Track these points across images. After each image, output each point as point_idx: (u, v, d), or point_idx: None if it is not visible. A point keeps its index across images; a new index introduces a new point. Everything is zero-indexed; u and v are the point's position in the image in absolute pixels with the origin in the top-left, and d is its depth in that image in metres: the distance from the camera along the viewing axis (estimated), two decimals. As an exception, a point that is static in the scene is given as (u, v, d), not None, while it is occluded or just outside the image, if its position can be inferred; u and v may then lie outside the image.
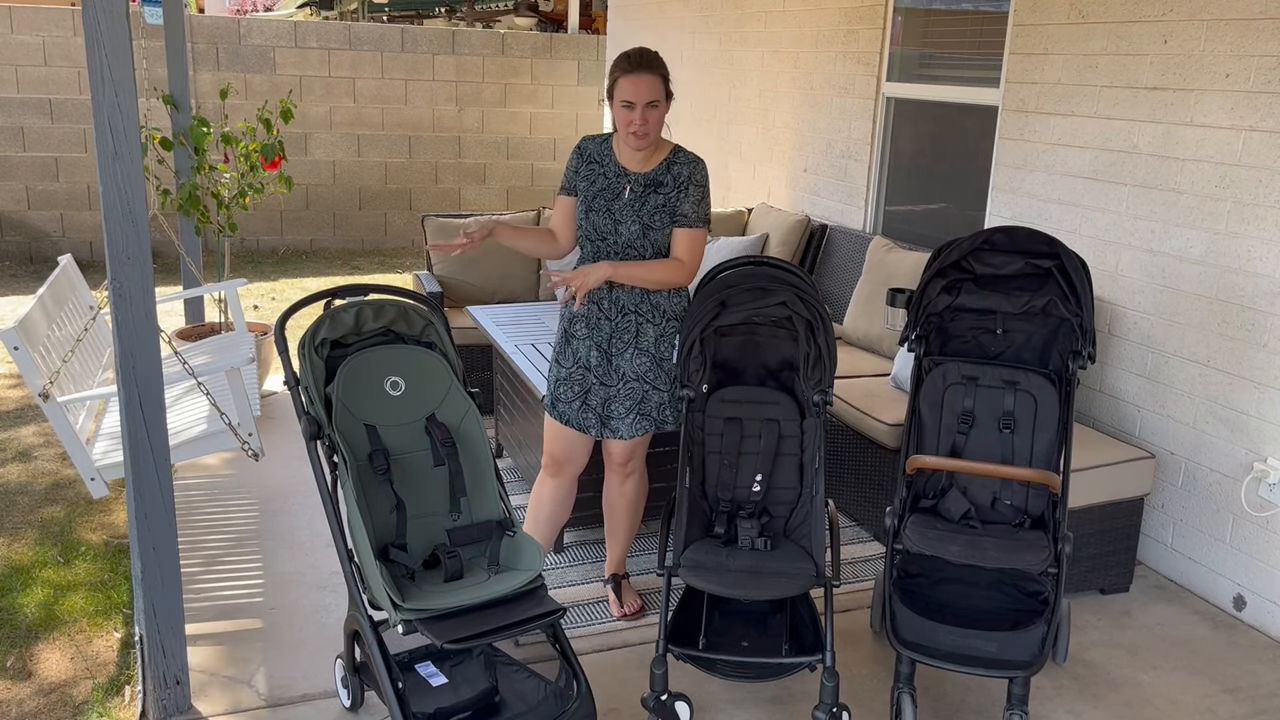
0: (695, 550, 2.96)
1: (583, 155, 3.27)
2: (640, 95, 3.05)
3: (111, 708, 3.07)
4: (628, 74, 3.07)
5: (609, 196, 3.19)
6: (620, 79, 3.09)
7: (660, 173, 3.20)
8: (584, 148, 3.29)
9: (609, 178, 3.21)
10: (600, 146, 3.27)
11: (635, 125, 3.08)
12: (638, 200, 3.18)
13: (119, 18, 2.47)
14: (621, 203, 3.18)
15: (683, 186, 3.19)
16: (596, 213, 3.20)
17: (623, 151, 3.22)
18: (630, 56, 3.09)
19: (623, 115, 3.10)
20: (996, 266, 3.22)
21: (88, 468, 3.56)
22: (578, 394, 3.28)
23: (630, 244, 3.19)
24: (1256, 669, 3.43)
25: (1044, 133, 4.42)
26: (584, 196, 3.24)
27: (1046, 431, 3.17)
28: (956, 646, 2.88)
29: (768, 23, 6.57)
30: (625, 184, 3.19)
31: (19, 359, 3.36)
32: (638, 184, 3.19)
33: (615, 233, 3.19)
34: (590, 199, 3.22)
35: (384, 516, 2.82)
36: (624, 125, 3.11)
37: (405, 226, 9.98)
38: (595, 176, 3.23)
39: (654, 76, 3.07)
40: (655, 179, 3.19)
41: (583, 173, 3.26)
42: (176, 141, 5.45)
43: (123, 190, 2.56)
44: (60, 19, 8.51)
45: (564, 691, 2.73)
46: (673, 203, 3.19)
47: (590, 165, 3.25)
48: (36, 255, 8.94)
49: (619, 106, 3.10)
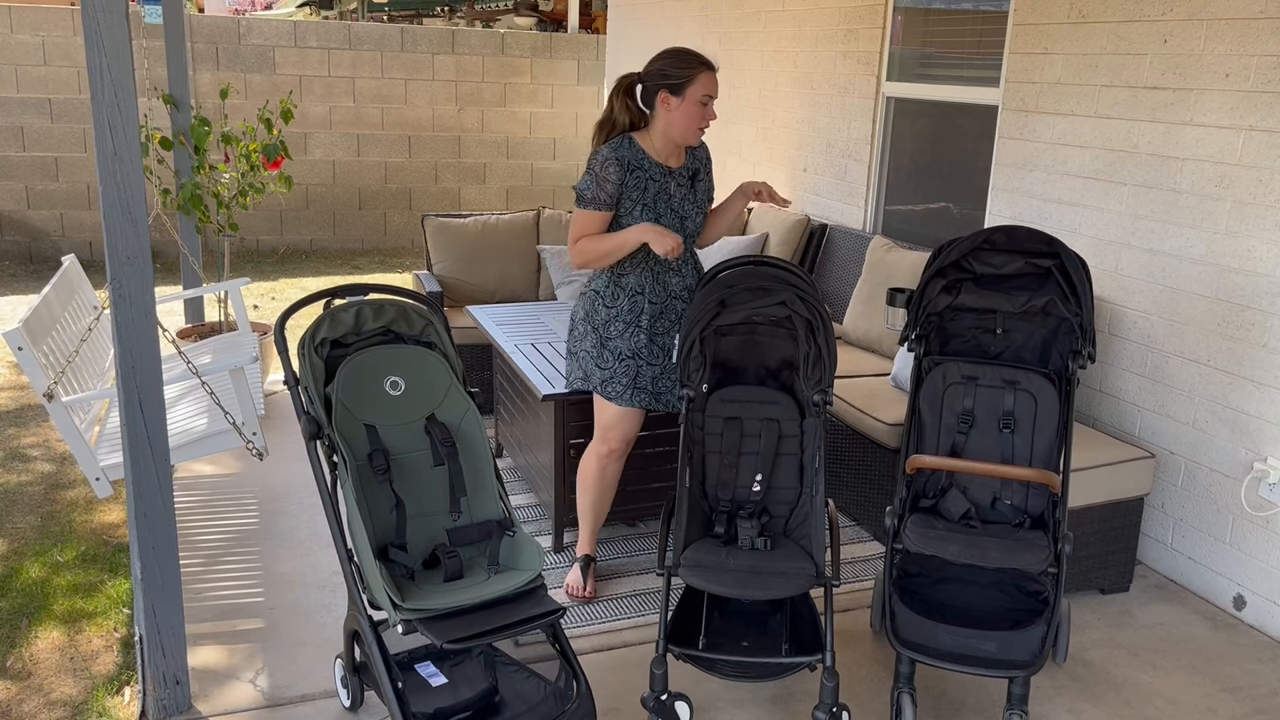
0: (695, 550, 2.96)
1: (624, 165, 3.25)
2: (716, 90, 3.25)
3: (111, 708, 3.07)
4: (708, 70, 3.21)
5: (665, 197, 3.30)
6: (701, 74, 3.20)
7: (691, 161, 3.38)
8: (622, 158, 3.24)
9: (656, 179, 3.29)
10: (634, 152, 3.27)
11: (706, 121, 3.24)
12: (689, 193, 3.35)
13: (119, 18, 2.47)
14: (676, 199, 3.32)
15: (708, 166, 3.44)
16: (664, 215, 3.30)
17: (658, 150, 3.30)
18: (700, 55, 3.22)
19: (697, 111, 3.21)
20: (996, 266, 3.22)
21: (92, 468, 3.56)
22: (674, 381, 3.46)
23: (693, 234, 3.41)
24: (1256, 669, 3.43)
25: (1044, 132, 4.42)
26: (642, 204, 3.26)
27: (1046, 431, 3.17)
28: (956, 646, 2.88)
29: (768, 23, 6.57)
30: (670, 181, 3.30)
31: (23, 359, 3.36)
32: (682, 178, 3.34)
33: (682, 228, 3.34)
34: (651, 203, 3.27)
35: (384, 516, 2.82)
36: (697, 120, 3.23)
37: (405, 226, 9.98)
38: (644, 182, 3.27)
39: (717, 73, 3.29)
40: (692, 169, 3.38)
41: (629, 182, 3.26)
42: (176, 141, 5.45)
43: (123, 190, 2.56)
44: (60, 19, 8.51)
45: (564, 691, 2.73)
46: (709, 184, 3.44)
47: (634, 173, 3.26)
48: (36, 255, 8.94)
49: (695, 102, 3.20)
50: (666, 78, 3.20)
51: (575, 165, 10.32)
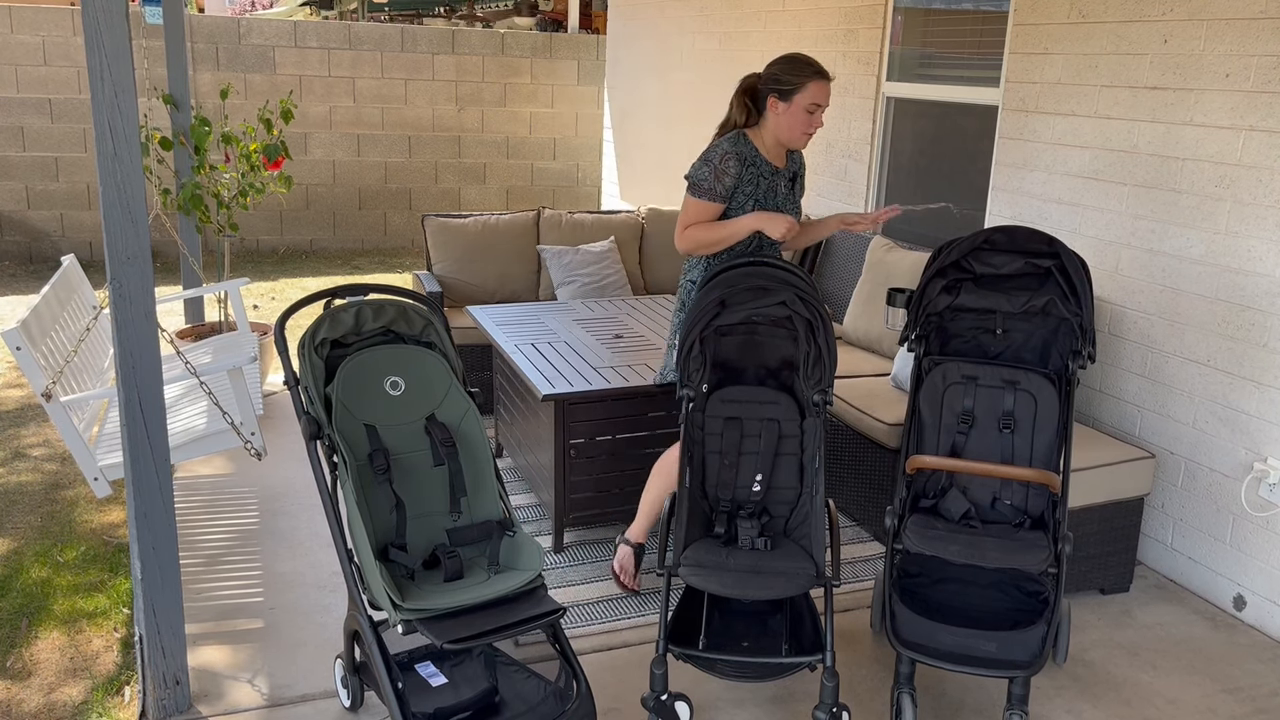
0: (695, 550, 2.96)
1: (743, 161, 3.34)
2: (827, 99, 3.30)
3: (111, 708, 3.07)
4: (821, 79, 3.27)
5: (772, 194, 3.39)
6: (812, 84, 3.26)
7: (791, 164, 3.49)
8: (741, 154, 3.34)
9: (767, 177, 3.38)
10: (749, 149, 3.37)
11: (816, 126, 3.31)
12: (790, 193, 3.46)
13: (119, 18, 2.47)
14: (781, 197, 3.43)
15: (803, 171, 3.55)
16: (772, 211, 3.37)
17: (769, 150, 3.39)
18: (814, 63, 3.28)
19: (804, 118, 3.29)
20: (996, 266, 3.22)
21: (91, 467, 3.56)
22: None
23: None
24: (1256, 669, 3.43)
25: (1044, 132, 4.42)
26: (754, 200, 3.37)
27: (1046, 431, 3.17)
28: (956, 646, 2.88)
29: (768, 23, 6.57)
30: (779, 180, 3.42)
31: (21, 359, 3.36)
32: (786, 177, 3.45)
33: None
34: (761, 199, 3.37)
35: (384, 516, 2.82)
36: (803, 126, 3.30)
37: (405, 226, 9.98)
38: (756, 179, 3.37)
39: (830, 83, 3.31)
40: (793, 169, 3.49)
41: (745, 177, 3.35)
42: (176, 141, 5.45)
43: (123, 190, 2.56)
44: (60, 19, 8.52)
45: (564, 691, 2.73)
46: (803, 188, 3.56)
47: (749, 168, 3.35)
48: (36, 255, 8.94)
49: (802, 109, 3.27)
50: (778, 83, 3.28)
51: (575, 165, 10.33)
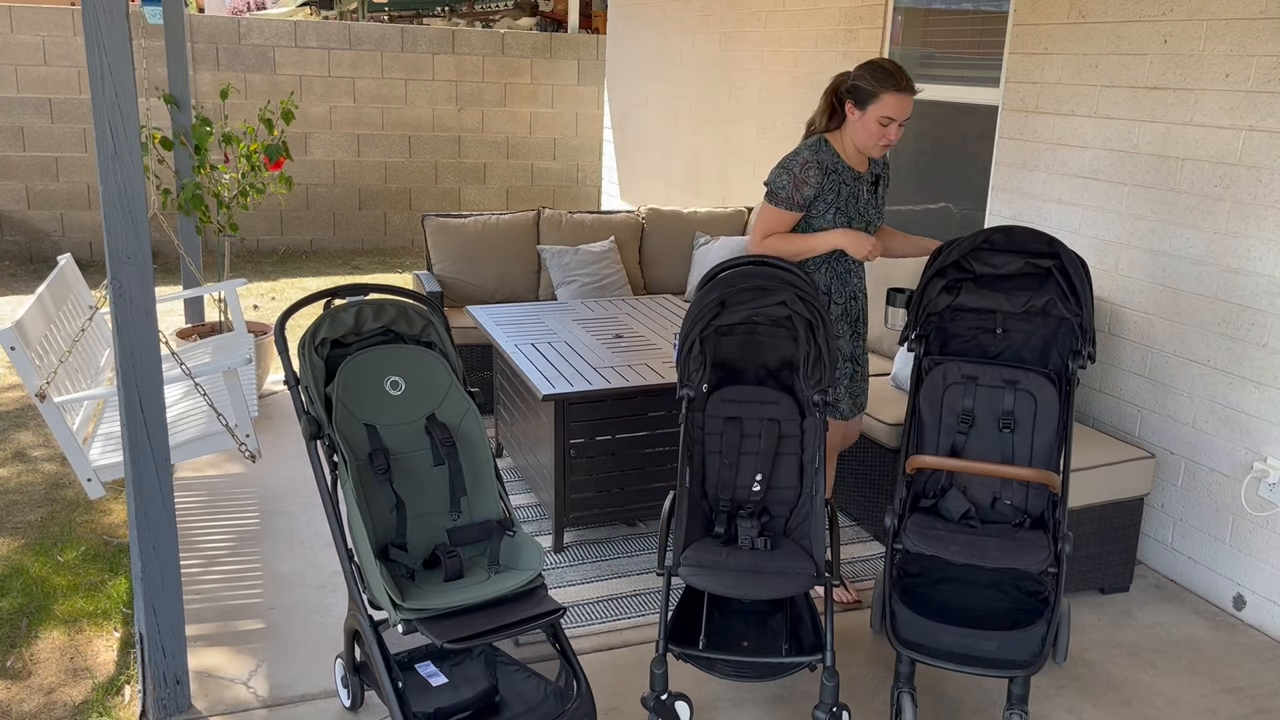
0: (695, 550, 2.96)
1: (823, 169, 3.32)
2: (903, 113, 3.20)
3: (111, 708, 3.07)
4: (898, 92, 3.18)
5: (854, 200, 3.36)
6: (887, 95, 3.18)
7: (874, 167, 3.46)
8: (821, 162, 3.32)
9: (848, 183, 3.36)
10: (829, 155, 3.34)
11: (891, 138, 3.24)
12: (874, 197, 3.43)
13: (119, 18, 2.47)
14: (862, 203, 3.39)
15: (886, 175, 3.50)
16: (854, 219, 3.37)
17: (850, 155, 3.36)
18: (896, 73, 3.18)
19: (876, 129, 3.23)
20: (996, 266, 3.22)
21: (84, 468, 3.56)
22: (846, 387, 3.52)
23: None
24: (1256, 669, 3.43)
25: (1044, 132, 4.42)
26: (836, 208, 3.34)
27: (1046, 431, 3.17)
28: (956, 646, 2.88)
29: (768, 23, 6.57)
30: (860, 186, 3.37)
31: (15, 359, 3.36)
32: (868, 183, 3.42)
33: (867, 230, 3.41)
34: (844, 207, 3.35)
35: (384, 516, 2.82)
36: (875, 137, 3.24)
37: (405, 226, 9.98)
38: (838, 185, 3.34)
39: (912, 97, 3.21)
40: (875, 174, 3.45)
41: (826, 185, 3.33)
42: (177, 141, 5.45)
43: (123, 190, 2.56)
44: (60, 19, 8.51)
45: (564, 691, 2.73)
46: (886, 192, 3.51)
47: (830, 176, 3.33)
48: (36, 255, 8.94)
49: (875, 120, 3.21)
50: (857, 88, 3.24)
51: (575, 165, 10.33)
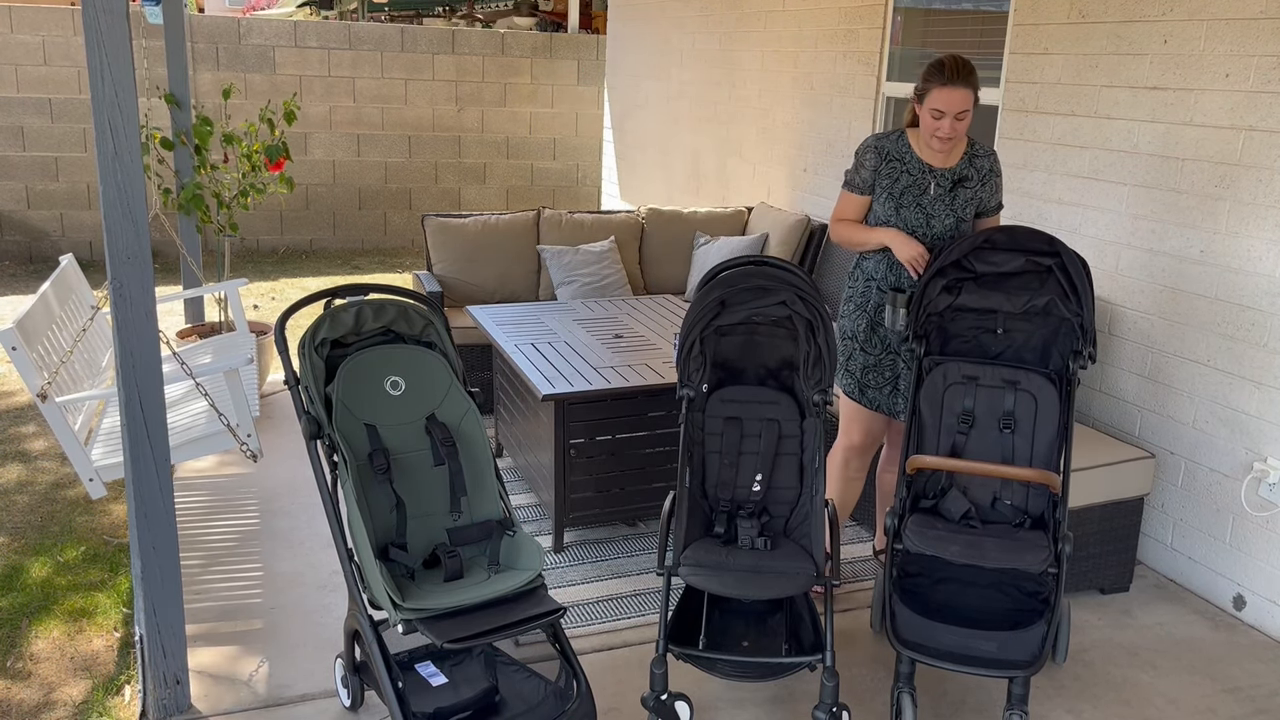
0: (695, 550, 2.96)
1: (882, 154, 3.36)
2: (952, 107, 3.19)
3: (111, 708, 3.07)
4: (943, 86, 3.19)
5: (916, 192, 3.34)
6: (934, 90, 3.21)
7: (964, 167, 3.38)
8: (882, 147, 3.37)
9: (913, 174, 3.34)
10: (898, 144, 3.37)
11: (944, 132, 3.22)
12: (947, 195, 3.35)
13: (119, 18, 2.47)
14: (929, 198, 3.34)
15: (986, 178, 3.41)
16: (907, 208, 3.34)
17: (923, 149, 3.35)
18: (946, 67, 3.20)
19: (931, 122, 3.24)
20: (997, 265, 3.22)
21: (86, 468, 3.56)
22: (888, 379, 3.47)
23: (941, 236, 3.37)
24: (1256, 669, 3.43)
25: (1044, 132, 4.42)
26: (889, 194, 3.35)
27: (1046, 431, 3.17)
28: (956, 646, 2.88)
29: (768, 23, 6.57)
30: (930, 180, 3.34)
31: (17, 359, 3.36)
32: (944, 179, 3.36)
33: (927, 226, 3.35)
34: (898, 196, 3.35)
35: (384, 516, 2.82)
36: (929, 129, 3.26)
37: (405, 226, 9.98)
38: (898, 174, 3.35)
39: (967, 90, 3.19)
40: (961, 174, 3.37)
41: (883, 171, 3.36)
42: (177, 141, 5.45)
43: (123, 190, 2.56)
44: (60, 19, 8.51)
45: (564, 691, 2.73)
46: (980, 196, 3.40)
47: (891, 163, 3.35)
48: (36, 255, 8.94)
49: (928, 113, 3.23)
50: (918, 85, 3.29)
51: (575, 165, 10.33)
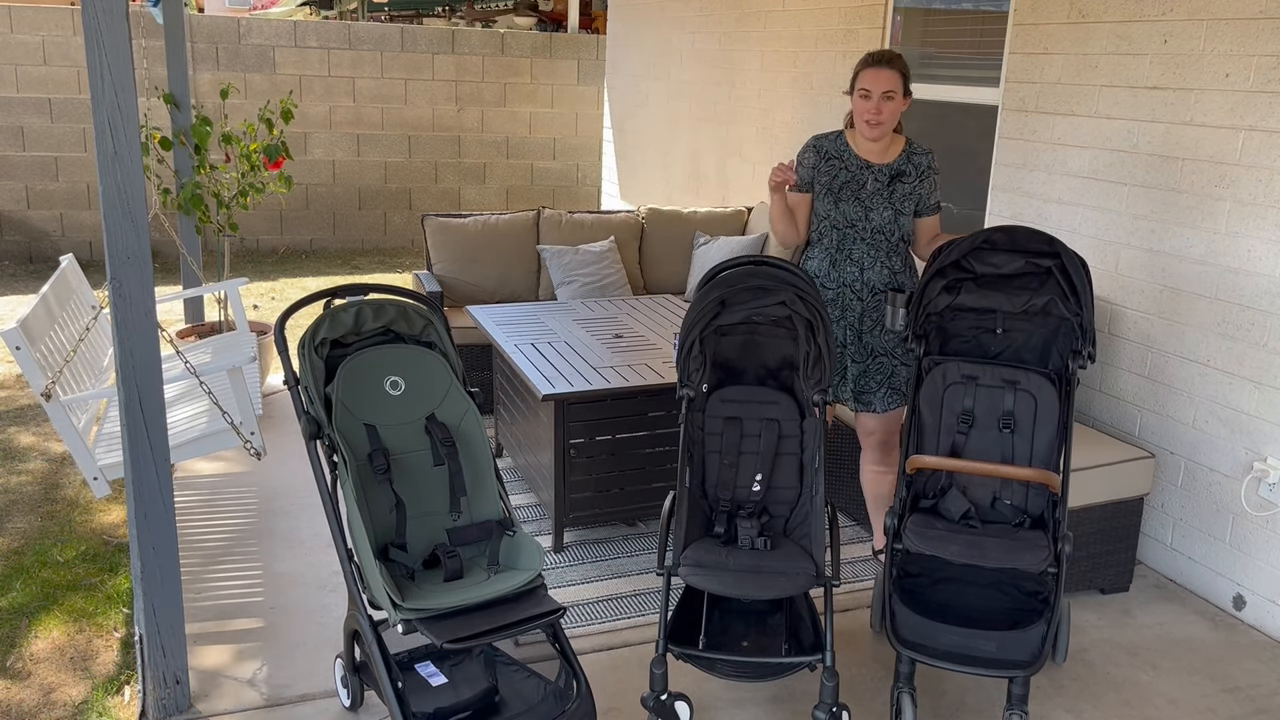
0: (695, 550, 2.96)
1: (821, 153, 3.51)
2: (878, 85, 3.37)
3: (111, 708, 3.07)
4: (869, 67, 3.41)
5: (854, 187, 3.46)
6: (861, 71, 3.42)
7: (901, 163, 3.51)
8: (821, 146, 3.54)
9: (851, 170, 3.47)
10: (836, 143, 3.52)
11: (870, 114, 3.38)
12: (885, 189, 3.48)
13: (119, 18, 2.47)
14: (867, 192, 3.48)
15: (924, 175, 3.53)
16: (846, 202, 3.46)
17: (860, 145, 3.49)
18: (873, 53, 3.44)
19: (860, 105, 3.41)
20: (997, 266, 3.22)
21: (90, 467, 3.56)
22: (838, 370, 3.60)
23: (880, 229, 3.49)
24: (1256, 669, 3.43)
25: (1044, 132, 4.42)
26: (828, 190, 3.48)
27: (1046, 431, 3.17)
28: (956, 646, 2.88)
29: (768, 23, 6.57)
30: (868, 175, 3.46)
31: (20, 359, 3.36)
32: (881, 174, 3.49)
33: (865, 219, 3.49)
34: (836, 191, 3.47)
35: (384, 516, 2.82)
36: (860, 114, 3.41)
37: (405, 226, 9.98)
38: (837, 171, 3.48)
39: (892, 71, 3.39)
40: (898, 169, 3.50)
41: (822, 168, 3.50)
42: (176, 141, 5.45)
43: (123, 190, 2.56)
44: (60, 19, 8.51)
45: (564, 691, 2.73)
46: (919, 191, 3.52)
47: (830, 161, 3.50)
48: (36, 255, 8.94)
49: (858, 97, 3.41)
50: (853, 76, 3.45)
51: (575, 165, 10.33)
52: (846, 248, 3.52)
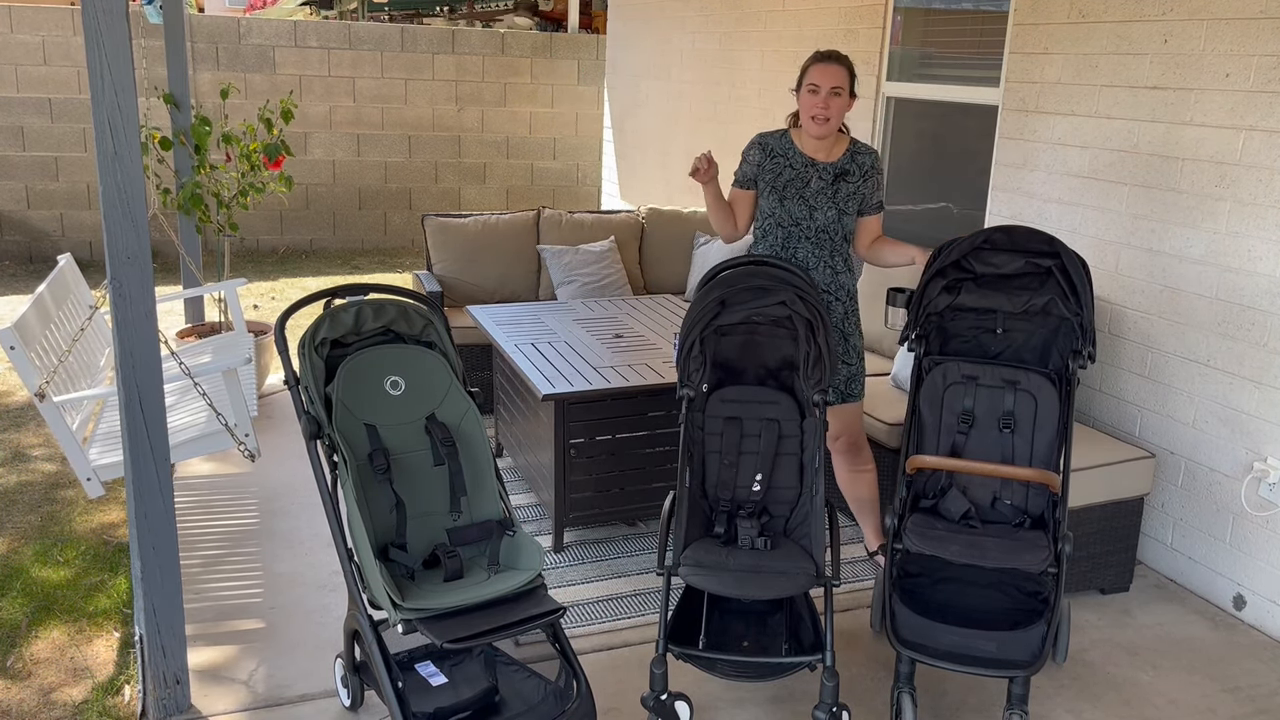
0: (695, 550, 2.96)
1: (766, 150, 3.53)
2: (826, 80, 3.38)
3: (111, 708, 3.07)
4: (817, 63, 3.42)
5: (799, 185, 3.47)
6: (810, 67, 3.43)
7: (846, 162, 3.52)
8: (766, 144, 3.55)
9: (795, 168, 3.48)
10: (781, 142, 3.53)
11: (817, 109, 3.39)
12: (829, 188, 3.49)
13: (119, 18, 2.47)
14: (811, 190, 3.48)
15: (867, 174, 3.54)
16: (790, 200, 3.47)
17: (806, 143, 3.49)
18: (821, 51, 3.47)
19: (808, 100, 3.41)
20: (997, 266, 3.22)
21: (84, 468, 3.55)
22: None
23: (824, 228, 3.50)
24: (1256, 669, 3.43)
25: (1044, 132, 4.42)
26: (772, 187, 3.50)
27: (1046, 431, 3.17)
28: (956, 646, 2.88)
29: (768, 23, 6.57)
30: (813, 173, 3.47)
31: (15, 359, 3.36)
32: (826, 173, 3.50)
33: (810, 218, 3.49)
34: (781, 188, 3.48)
35: (384, 516, 2.82)
36: (807, 109, 3.42)
37: (405, 226, 9.98)
38: (781, 169, 3.49)
39: (840, 68, 3.41)
40: (843, 168, 3.51)
41: (766, 166, 3.51)
42: (176, 141, 5.45)
43: (123, 190, 2.56)
44: (60, 19, 8.51)
45: (564, 691, 2.73)
46: (862, 190, 3.53)
47: (775, 159, 3.50)
48: (36, 255, 8.94)
49: (806, 92, 3.42)
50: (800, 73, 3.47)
51: (575, 165, 10.32)
52: (791, 246, 3.52)
